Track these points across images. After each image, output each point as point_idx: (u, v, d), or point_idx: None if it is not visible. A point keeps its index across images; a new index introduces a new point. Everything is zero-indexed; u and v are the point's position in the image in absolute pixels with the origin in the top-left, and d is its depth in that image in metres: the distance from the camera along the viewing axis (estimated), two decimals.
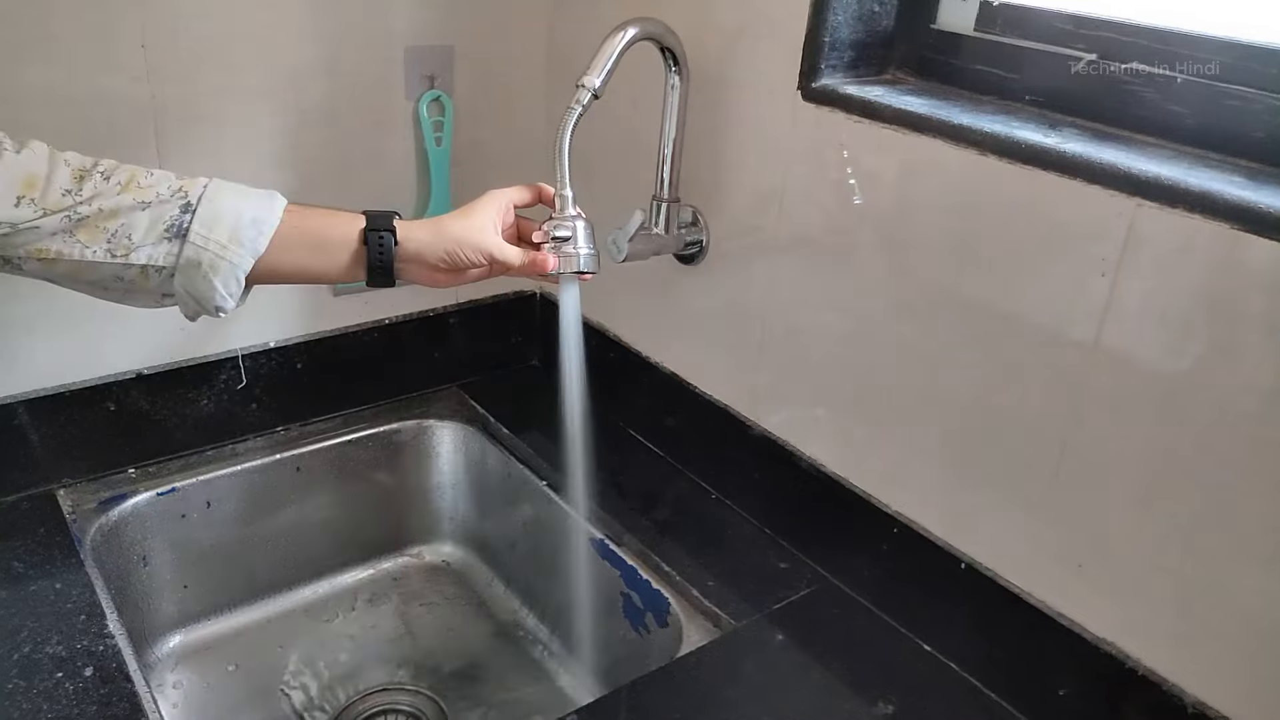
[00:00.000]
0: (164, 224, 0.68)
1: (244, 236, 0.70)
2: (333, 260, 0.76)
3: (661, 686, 0.82)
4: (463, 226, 0.77)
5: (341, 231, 0.75)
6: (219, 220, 0.69)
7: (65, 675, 0.78)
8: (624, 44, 0.82)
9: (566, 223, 0.81)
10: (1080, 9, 0.76)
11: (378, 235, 0.75)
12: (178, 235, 0.69)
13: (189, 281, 0.70)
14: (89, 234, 0.67)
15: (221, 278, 0.70)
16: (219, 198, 0.70)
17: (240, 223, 0.70)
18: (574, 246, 0.80)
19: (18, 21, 0.85)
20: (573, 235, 0.80)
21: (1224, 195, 0.62)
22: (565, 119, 0.82)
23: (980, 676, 0.83)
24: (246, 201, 0.71)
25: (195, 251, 0.69)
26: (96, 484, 1.02)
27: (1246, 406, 0.63)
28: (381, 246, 0.75)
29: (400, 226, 0.76)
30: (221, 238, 0.69)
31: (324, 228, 0.75)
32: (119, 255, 0.68)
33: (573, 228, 0.81)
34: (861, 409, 0.89)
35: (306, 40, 1.00)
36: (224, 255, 0.70)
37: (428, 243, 0.77)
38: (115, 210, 0.67)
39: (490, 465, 1.19)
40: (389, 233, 0.75)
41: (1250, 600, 0.66)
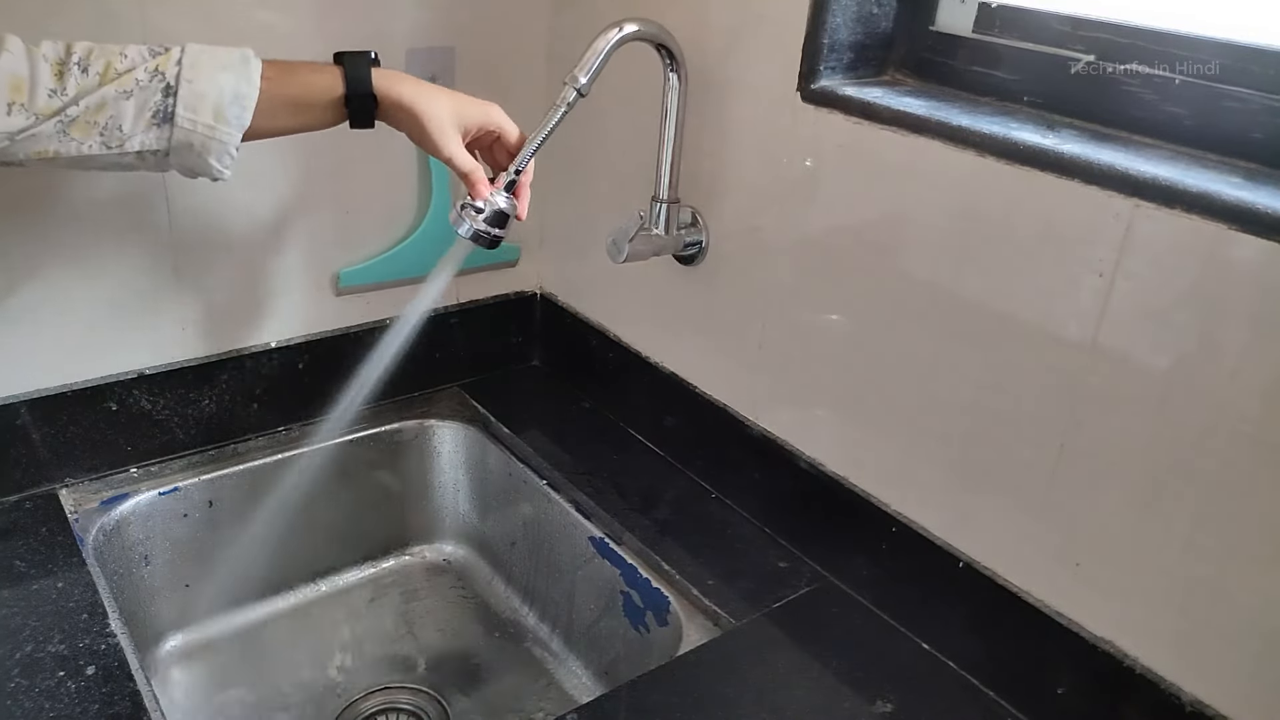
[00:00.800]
0: (149, 110, 0.71)
1: (229, 114, 0.73)
2: (315, 118, 0.80)
3: (661, 685, 0.82)
4: (432, 111, 0.81)
5: (322, 93, 0.79)
6: (202, 99, 0.72)
7: (67, 674, 0.78)
8: (612, 43, 0.83)
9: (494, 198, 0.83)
10: (1079, 10, 0.76)
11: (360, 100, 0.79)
12: (165, 119, 0.71)
13: (183, 160, 0.74)
14: (82, 130, 0.70)
15: (214, 155, 0.74)
16: (197, 74, 0.72)
17: (223, 100, 0.72)
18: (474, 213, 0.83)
19: (17, 21, 0.85)
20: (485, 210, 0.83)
21: (1222, 196, 0.62)
22: (548, 115, 0.83)
23: (979, 675, 0.84)
24: (226, 74, 0.73)
25: (184, 134, 0.72)
26: (98, 483, 1.02)
27: (1244, 406, 0.63)
28: (364, 107, 0.80)
29: (379, 83, 0.79)
30: (207, 118, 0.72)
31: (304, 91, 0.79)
32: (114, 146, 0.71)
33: (487, 201, 0.83)
34: (861, 409, 0.89)
35: (308, 41, 1.00)
36: (213, 135, 0.73)
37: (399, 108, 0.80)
38: (101, 104, 0.70)
39: (491, 465, 1.19)
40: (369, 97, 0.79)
41: (1248, 599, 0.66)
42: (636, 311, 1.14)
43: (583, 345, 1.22)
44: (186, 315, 1.03)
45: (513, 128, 0.86)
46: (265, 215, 1.04)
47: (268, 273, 1.07)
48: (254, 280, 1.06)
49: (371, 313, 1.16)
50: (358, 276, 1.12)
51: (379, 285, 1.14)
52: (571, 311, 1.24)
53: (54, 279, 0.94)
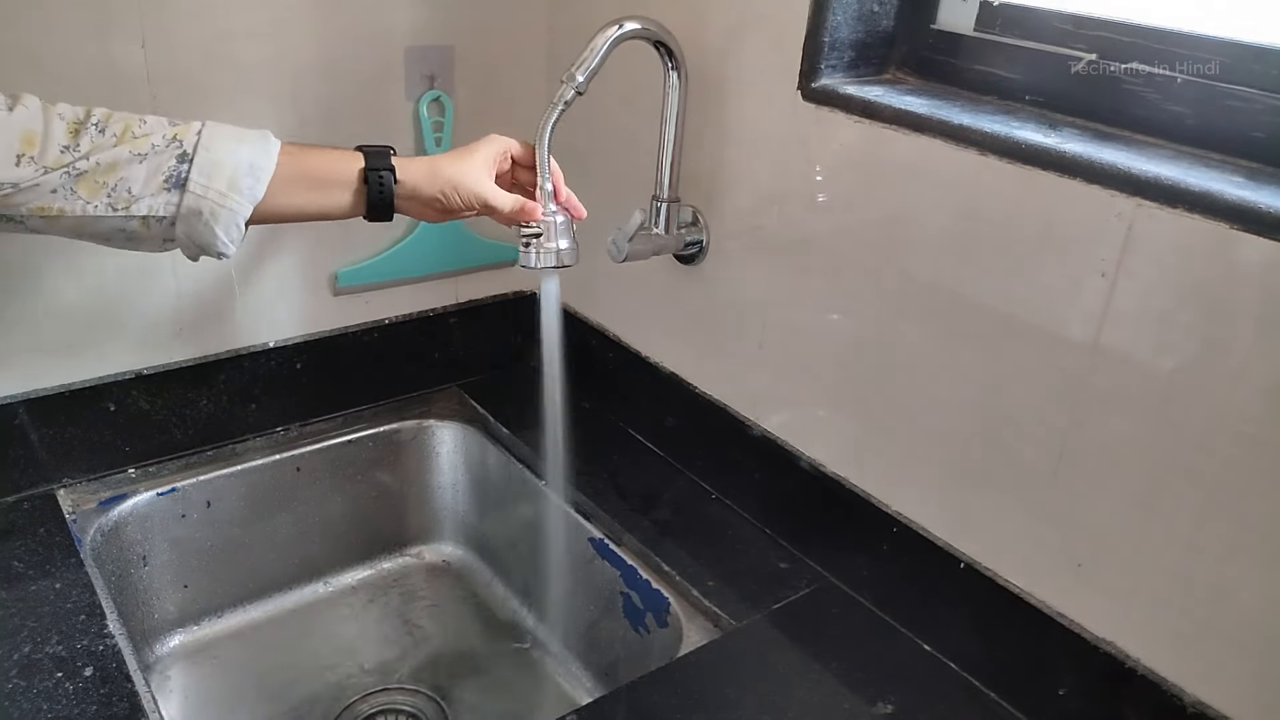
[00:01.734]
0: (162, 175, 0.70)
1: (242, 184, 0.72)
2: (332, 199, 0.78)
3: (661, 686, 0.82)
4: (458, 169, 0.80)
5: (340, 172, 0.77)
6: (217, 168, 0.71)
7: (65, 675, 0.78)
8: (610, 40, 0.83)
9: (545, 218, 0.83)
10: (1080, 9, 0.76)
11: (378, 175, 0.78)
12: (177, 185, 0.70)
13: (190, 230, 0.72)
14: (89, 189, 0.68)
15: (222, 225, 0.72)
16: (214, 145, 0.71)
17: (238, 170, 0.71)
18: (551, 241, 0.83)
19: (16, 21, 0.85)
20: (547, 231, 0.83)
21: (1224, 195, 0.62)
22: (546, 115, 0.83)
23: (980, 676, 0.83)
24: (243, 146, 0.72)
25: (195, 201, 0.70)
26: (96, 484, 1.02)
27: (1246, 406, 0.63)
28: (382, 185, 0.78)
29: (398, 164, 0.78)
30: (221, 186, 0.71)
31: (322, 169, 0.77)
32: (120, 208, 0.69)
33: (549, 223, 0.83)
34: (861, 409, 0.89)
35: (307, 40, 1.00)
36: (224, 204, 0.71)
37: (423, 182, 0.79)
38: (113, 164, 0.68)
39: (490, 465, 1.19)
40: (389, 171, 0.78)
41: (1250, 600, 0.66)
42: (636, 311, 1.14)
43: (583, 345, 1.22)
44: (184, 316, 1.03)
45: (514, 141, 0.85)
46: None
47: (266, 273, 1.06)
48: (252, 280, 1.06)
49: (370, 313, 1.15)
50: (356, 276, 1.12)
51: (377, 285, 1.14)
52: (571, 311, 1.24)
53: (52, 279, 0.94)
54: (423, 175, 0.79)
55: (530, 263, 0.84)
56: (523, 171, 0.85)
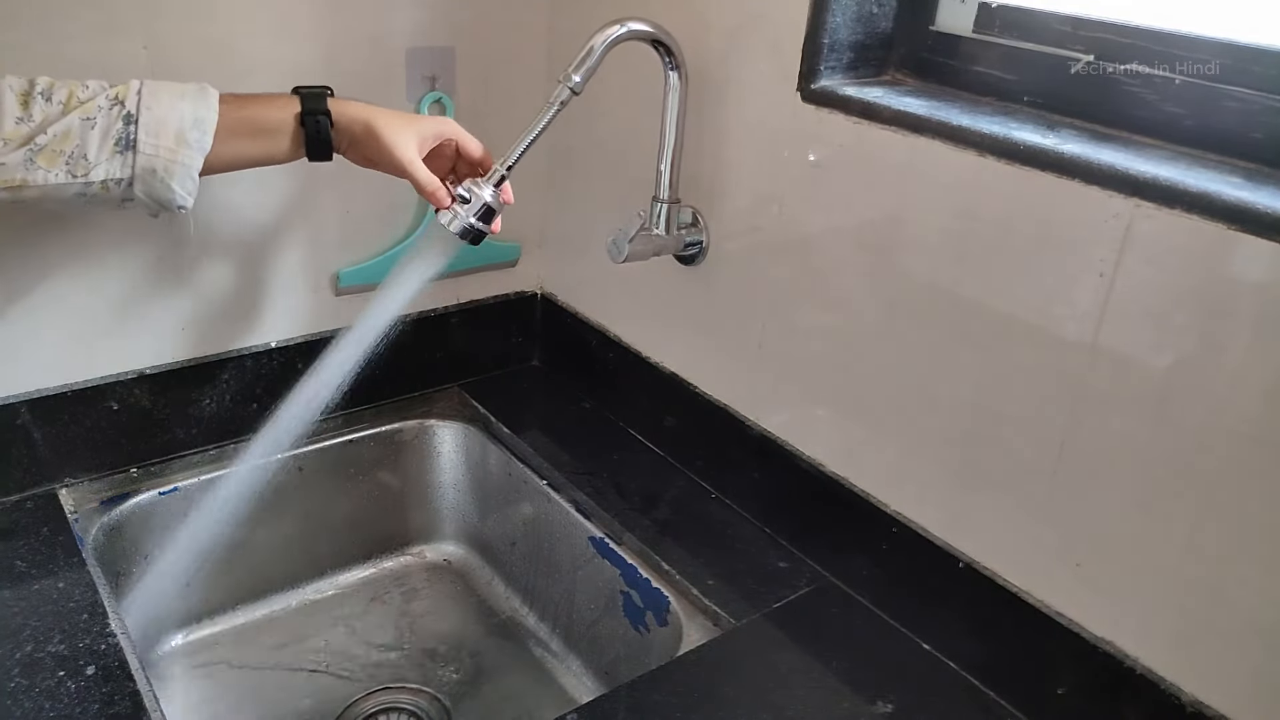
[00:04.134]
0: (112, 138, 0.72)
1: (190, 137, 0.75)
2: (274, 144, 0.81)
3: (661, 685, 0.82)
4: (389, 128, 0.82)
5: (279, 117, 0.81)
6: (163, 125, 0.74)
7: (67, 674, 0.78)
8: (608, 41, 0.83)
9: (478, 189, 0.83)
10: (1079, 10, 0.76)
11: (314, 119, 0.81)
12: (127, 147, 0.73)
13: (147, 188, 0.75)
14: (48, 159, 0.71)
15: (178, 180, 0.75)
16: (156, 103, 0.74)
17: (183, 124, 0.74)
18: (466, 209, 0.83)
19: (21, 21, 0.85)
20: (474, 201, 0.83)
21: (1222, 196, 0.62)
22: (541, 113, 0.83)
23: (979, 675, 0.84)
24: (184, 101, 0.75)
25: (147, 160, 0.73)
26: (99, 483, 1.02)
27: (1244, 406, 0.63)
28: (318, 128, 0.81)
29: (334, 105, 0.82)
30: (169, 142, 0.74)
31: (262, 115, 0.81)
32: (79, 175, 0.72)
33: (475, 195, 0.83)
34: (861, 409, 0.89)
35: (308, 41, 1.00)
36: (175, 159, 0.74)
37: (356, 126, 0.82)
38: (67, 131, 0.71)
39: (491, 465, 1.19)
40: (324, 115, 0.81)
41: (1249, 599, 0.66)
42: (636, 311, 1.14)
43: (583, 345, 1.22)
44: (187, 315, 1.03)
45: (470, 138, 0.87)
46: (266, 215, 1.04)
47: (268, 273, 1.07)
48: (254, 280, 1.06)
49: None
50: (358, 276, 1.12)
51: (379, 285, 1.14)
52: (571, 311, 1.24)
53: (54, 279, 0.94)
54: (355, 119, 0.82)
55: (443, 220, 0.84)
56: (466, 166, 0.88)
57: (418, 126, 0.84)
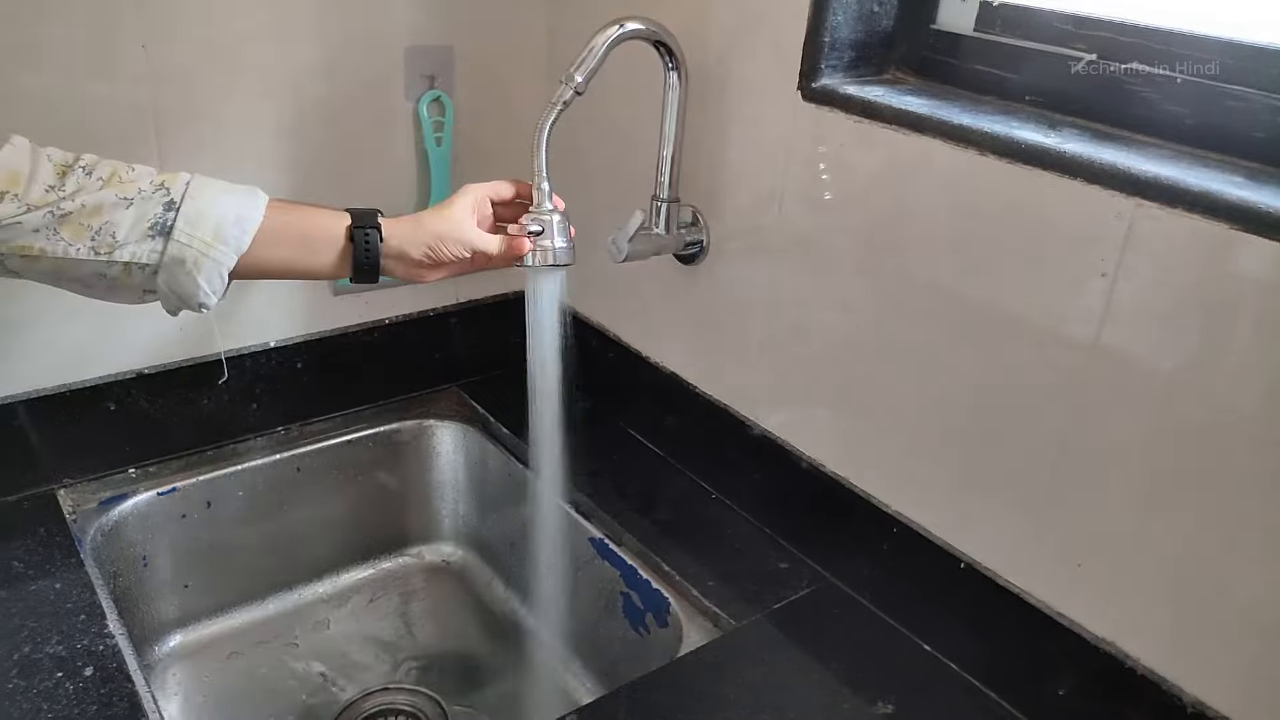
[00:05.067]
0: (148, 221, 0.69)
1: (228, 234, 0.71)
2: (317, 257, 0.77)
3: (661, 686, 0.82)
4: (442, 221, 0.79)
5: (326, 229, 0.77)
6: (203, 217, 0.70)
7: (65, 675, 0.78)
8: (610, 41, 0.83)
9: (542, 216, 0.82)
10: (1080, 9, 0.76)
11: (364, 233, 0.77)
12: (162, 233, 0.69)
13: (172, 279, 0.71)
14: (72, 231, 0.67)
15: (205, 275, 0.71)
16: (202, 195, 0.71)
17: (224, 220, 0.71)
18: (548, 240, 0.82)
19: (17, 21, 0.85)
20: (546, 229, 0.82)
21: (1224, 195, 0.62)
22: (545, 115, 0.82)
23: (979, 676, 0.83)
24: (230, 198, 0.72)
25: (179, 249, 0.70)
26: (97, 484, 1.02)
27: (1246, 406, 0.63)
28: (368, 245, 0.77)
29: (384, 224, 0.78)
30: (206, 235, 0.70)
31: (308, 225, 0.77)
32: (102, 253, 0.68)
33: (547, 221, 0.82)
34: (861, 409, 0.89)
35: (307, 40, 1.00)
36: (208, 253, 0.70)
37: (409, 239, 0.79)
38: (99, 206, 0.68)
39: (490, 465, 1.19)
40: (374, 230, 0.77)
41: (1250, 600, 0.66)
42: (636, 311, 1.14)
43: (583, 345, 1.22)
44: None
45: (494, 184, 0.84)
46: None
47: None
48: (253, 280, 1.06)
49: (370, 313, 1.15)
50: None
51: (377, 286, 1.13)
52: (571, 311, 1.24)
53: None
54: (407, 234, 0.78)
55: (530, 261, 0.83)
56: (502, 209, 0.85)
57: (460, 205, 0.80)
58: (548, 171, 0.83)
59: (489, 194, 0.83)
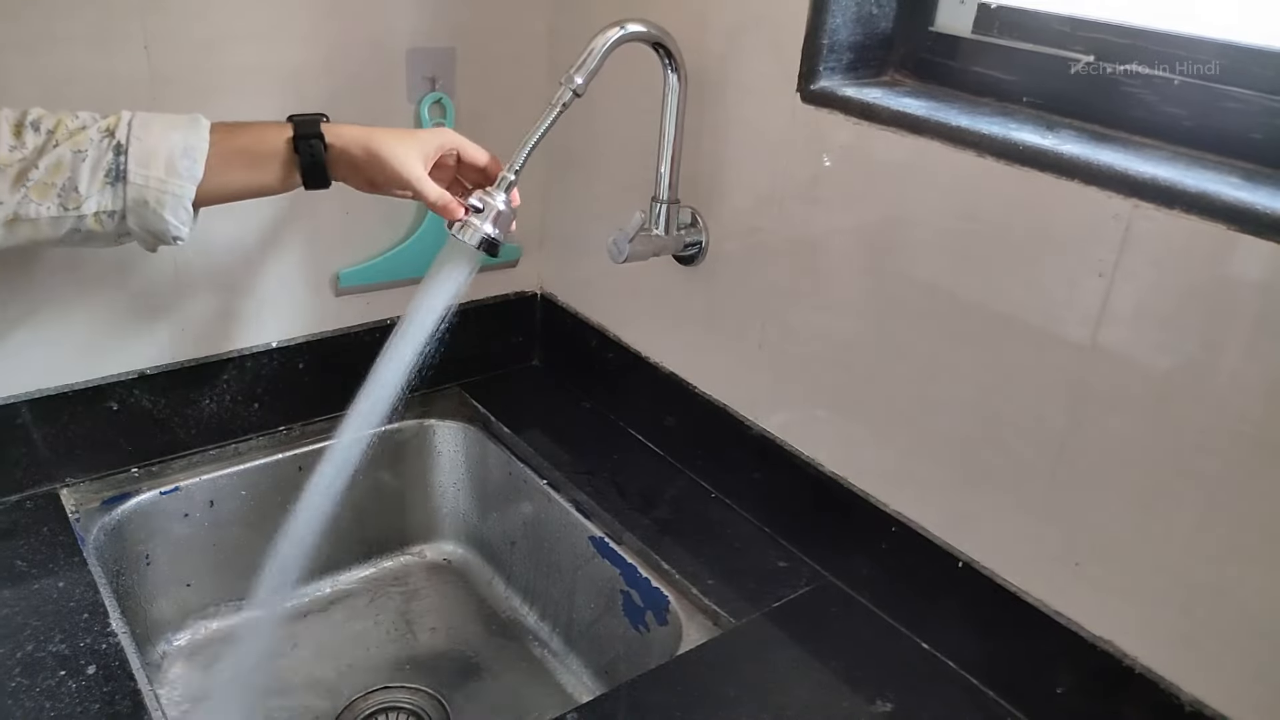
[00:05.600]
0: (103, 169, 0.71)
1: (180, 166, 0.73)
2: (268, 173, 0.79)
3: (661, 684, 0.82)
4: (391, 146, 0.80)
5: (271, 143, 0.79)
6: (153, 155, 0.72)
7: (68, 674, 0.78)
8: (610, 43, 0.83)
9: (490, 198, 0.82)
10: (1078, 11, 0.76)
11: (308, 143, 0.79)
12: (118, 178, 0.72)
13: (140, 219, 0.73)
14: (40, 192, 0.70)
15: (170, 210, 0.73)
16: (146, 133, 0.73)
17: (173, 154, 0.73)
18: (483, 221, 0.81)
19: (18, 22, 0.85)
20: (486, 210, 0.81)
21: (1221, 196, 0.62)
22: (544, 114, 0.83)
23: (978, 675, 0.84)
24: (174, 131, 0.74)
25: (138, 191, 0.72)
26: (99, 483, 1.02)
27: (1244, 406, 0.63)
28: (313, 154, 0.79)
29: (329, 130, 0.80)
30: (159, 172, 0.72)
31: (254, 143, 0.79)
32: (70, 208, 0.71)
33: (491, 205, 0.81)
34: (861, 409, 0.89)
35: (308, 41, 1.00)
36: (166, 188, 0.73)
37: (354, 147, 0.80)
38: (58, 163, 0.70)
39: (491, 464, 1.19)
40: (318, 139, 0.79)
41: (1249, 599, 0.66)
42: (636, 311, 1.14)
43: (583, 345, 1.22)
44: (187, 315, 1.03)
45: (473, 146, 0.85)
46: (265, 216, 1.04)
47: (268, 273, 1.07)
48: (254, 280, 1.06)
49: (371, 313, 1.16)
50: (357, 277, 1.12)
51: (379, 286, 1.14)
52: (571, 311, 1.24)
53: (54, 279, 0.94)
54: (353, 140, 0.80)
55: (458, 233, 0.82)
56: (471, 173, 0.86)
57: (419, 142, 0.82)
58: (522, 167, 0.83)
59: (461, 148, 0.84)
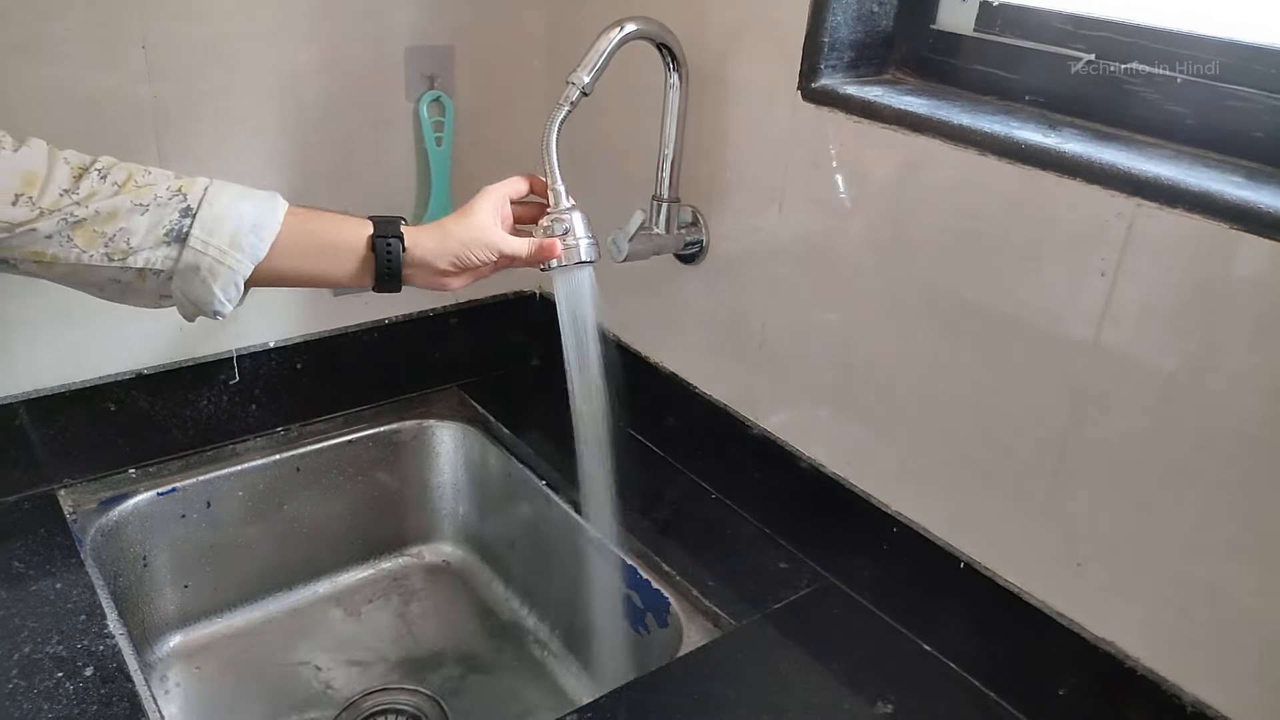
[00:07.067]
0: (164, 228, 0.68)
1: (244, 242, 0.69)
2: (338, 267, 0.75)
3: (661, 686, 0.82)
4: (467, 227, 0.78)
5: (347, 238, 0.75)
6: (220, 224, 0.69)
7: (66, 675, 0.78)
8: (615, 42, 0.83)
9: (563, 216, 0.81)
10: (1080, 9, 0.76)
11: (385, 242, 0.75)
12: (177, 240, 0.68)
13: (187, 285, 0.69)
14: (86, 238, 0.66)
15: (220, 283, 0.69)
16: (219, 200, 0.69)
17: (241, 228, 0.69)
18: (574, 238, 0.81)
19: (18, 22, 0.85)
20: (570, 228, 0.81)
21: (1223, 195, 0.62)
22: (553, 115, 0.82)
23: (980, 676, 0.83)
24: (248, 204, 0.70)
25: (194, 256, 0.68)
26: (97, 484, 1.02)
27: (1246, 406, 0.63)
28: (389, 254, 0.75)
29: (407, 233, 0.76)
30: (222, 243, 0.69)
31: (328, 234, 0.75)
32: (116, 259, 0.67)
33: (569, 220, 0.81)
34: (861, 409, 0.89)
35: (307, 40, 1.00)
36: (224, 260, 0.69)
37: (434, 248, 0.77)
38: (113, 212, 0.66)
39: (490, 465, 1.19)
40: (397, 239, 0.75)
41: (1250, 600, 0.66)
42: (636, 311, 1.14)
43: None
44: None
45: (508, 182, 0.83)
46: None
47: None
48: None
49: (370, 313, 1.16)
50: None
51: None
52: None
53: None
54: (434, 242, 0.77)
55: (564, 263, 0.81)
56: (519, 207, 0.84)
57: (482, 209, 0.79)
58: (560, 171, 0.82)
59: (508, 193, 0.82)
